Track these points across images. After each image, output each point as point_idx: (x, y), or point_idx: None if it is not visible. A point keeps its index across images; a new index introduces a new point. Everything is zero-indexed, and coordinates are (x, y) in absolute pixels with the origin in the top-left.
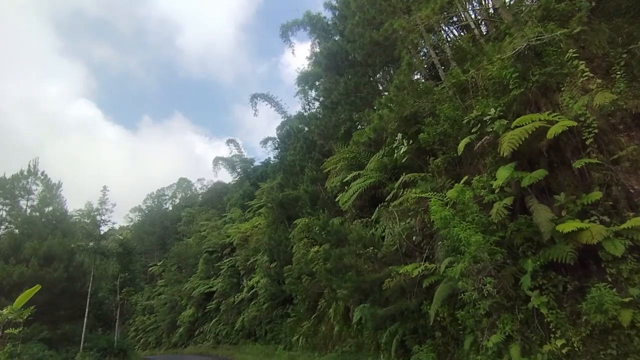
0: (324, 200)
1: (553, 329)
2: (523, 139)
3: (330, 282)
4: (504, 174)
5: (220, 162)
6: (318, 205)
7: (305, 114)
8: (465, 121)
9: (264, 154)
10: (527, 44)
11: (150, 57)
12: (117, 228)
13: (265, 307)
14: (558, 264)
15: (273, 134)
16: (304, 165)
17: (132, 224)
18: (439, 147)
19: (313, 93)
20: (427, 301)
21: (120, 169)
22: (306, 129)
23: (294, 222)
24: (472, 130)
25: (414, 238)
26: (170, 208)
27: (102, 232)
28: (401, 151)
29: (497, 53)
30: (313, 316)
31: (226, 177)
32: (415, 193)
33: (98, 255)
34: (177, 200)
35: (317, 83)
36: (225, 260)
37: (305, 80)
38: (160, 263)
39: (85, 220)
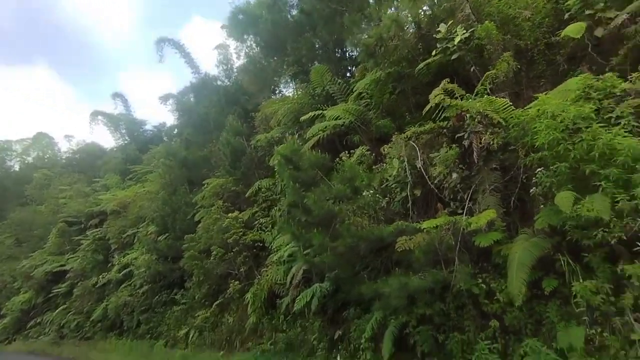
0: (251, 157)
1: None
2: None
3: (302, 241)
4: None
5: (99, 117)
6: (241, 163)
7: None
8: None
9: (157, 120)
10: None
11: None
12: None
13: (143, 291)
14: None
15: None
16: (221, 121)
17: None
18: (501, 47)
19: (233, 50)
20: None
21: None
22: (227, 82)
23: (203, 182)
24: (586, 13)
25: (453, 176)
26: (18, 168)
27: None
28: (456, 41)
29: None
30: (215, 303)
31: (105, 138)
32: (481, 102)
33: None
34: (30, 159)
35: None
36: (89, 233)
37: (237, 20)
38: None
39: None
